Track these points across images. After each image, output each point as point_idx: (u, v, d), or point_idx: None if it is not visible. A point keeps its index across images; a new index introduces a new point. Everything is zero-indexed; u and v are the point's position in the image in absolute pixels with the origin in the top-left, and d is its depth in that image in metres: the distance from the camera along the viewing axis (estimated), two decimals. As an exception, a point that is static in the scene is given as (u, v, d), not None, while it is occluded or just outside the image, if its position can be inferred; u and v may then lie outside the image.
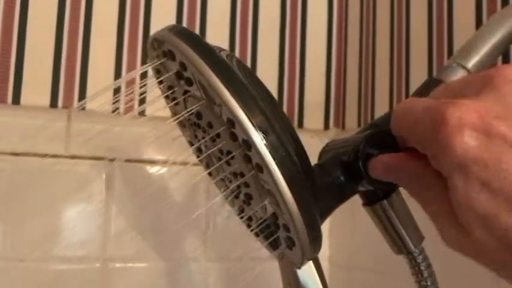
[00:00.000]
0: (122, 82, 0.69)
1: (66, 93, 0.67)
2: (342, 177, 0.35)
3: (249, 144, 0.27)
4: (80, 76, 0.67)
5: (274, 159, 0.27)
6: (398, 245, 0.39)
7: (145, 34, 0.70)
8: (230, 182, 0.35)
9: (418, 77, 0.63)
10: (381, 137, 0.34)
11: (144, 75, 0.70)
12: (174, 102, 0.39)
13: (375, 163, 0.31)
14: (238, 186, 0.34)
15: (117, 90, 0.69)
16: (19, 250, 0.63)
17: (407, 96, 0.64)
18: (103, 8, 0.69)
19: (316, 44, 0.79)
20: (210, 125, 0.32)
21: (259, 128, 0.27)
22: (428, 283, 0.39)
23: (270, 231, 0.35)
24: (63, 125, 0.66)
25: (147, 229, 0.69)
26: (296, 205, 0.28)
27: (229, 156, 0.33)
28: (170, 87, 0.37)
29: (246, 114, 0.27)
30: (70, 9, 0.68)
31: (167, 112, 0.71)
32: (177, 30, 0.30)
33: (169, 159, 0.70)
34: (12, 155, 0.64)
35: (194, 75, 0.29)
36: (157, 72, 0.37)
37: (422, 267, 0.39)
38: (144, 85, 0.53)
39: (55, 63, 0.66)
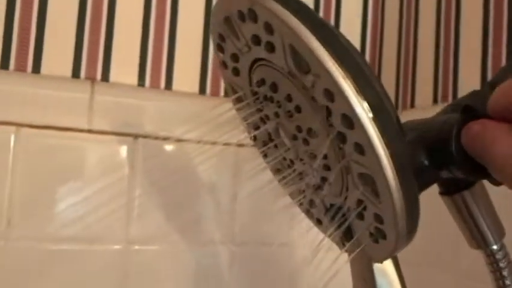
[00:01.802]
0: (148, 53, 0.65)
1: (89, 63, 0.62)
2: (426, 162, 0.31)
3: (350, 120, 0.23)
4: (104, 45, 0.63)
5: (383, 139, 0.23)
6: (477, 238, 0.35)
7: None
8: (303, 164, 0.31)
9: (470, 51, 0.58)
10: (479, 116, 0.30)
11: (171, 48, 0.66)
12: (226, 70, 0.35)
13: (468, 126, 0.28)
14: (314, 169, 0.30)
15: (143, 62, 0.65)
16: (38, 228, 0.59)
17: (455, 75, 0.60)
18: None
19: (351, 15, 0.75)
20: (290, 98, 0.28)
21: (367, 101, 0.23)
22: (508, 282, 0.35)
23: (341, 221, 0.32)
24: (86, 97, 0.62)
25: (171, 210, 0.65)
26: (402, 195, 0.24)
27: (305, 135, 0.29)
28: (235, 56, 0.32)
29: (352, 85, 0.23)
30: (95, -28, 0.63)
31: (194, 88, 0.67)
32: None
33: (196, 138, 0.66)
34: (30, 127, 0.60)
35: (284, 38, 0.25)
36: (221, 38, 0.32)
37: (501, 265, 0.35)
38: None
39: (78, 30, 0.62)
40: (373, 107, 0.23)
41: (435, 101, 0.62)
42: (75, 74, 0.62)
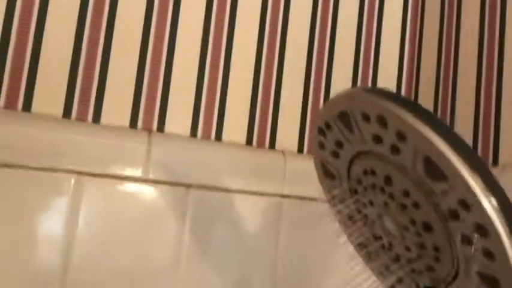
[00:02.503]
0: (201, 105, 0.67)
1: (146, 113, 0.64)
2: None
3: (486, 230, 0.26)
4: (161, 96, 0.65)
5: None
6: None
7: (228, 50, 0.68)
8: (408, 250, 0.33)
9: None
10: None
11: (222, 101, 0.68)
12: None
13: None
14: (419, 257, 0.32)
15: (196, 113, 0.67)
16: (93, 276, 0.60)
17: (498, 107, 0.60)
18: (186, 30, 0.67)
19: (390, 44, 0.78)
20: (406, 194, 0.31)
21: (505, 217, 0.25)
22: None
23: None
24: (144, 147, 0.64)
25: (219, 260, 0.66)
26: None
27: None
28: (339, 143, 0.35)
29: (497, 203, 0.25)
30: (154, 28, 0.65)
31: (241, 138, 0.69)
32: (389, 95, 0.28)
33: (244, 188, 0.68)
34: (89, 176, 0.61)
35: (419, 149, 0.27)
36: (327, 125, 0.35)
37: None
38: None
39: (137, 83, 0.64)
40: (509, 226, 0.25)
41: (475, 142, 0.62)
42: (133, 124, 0.64)
